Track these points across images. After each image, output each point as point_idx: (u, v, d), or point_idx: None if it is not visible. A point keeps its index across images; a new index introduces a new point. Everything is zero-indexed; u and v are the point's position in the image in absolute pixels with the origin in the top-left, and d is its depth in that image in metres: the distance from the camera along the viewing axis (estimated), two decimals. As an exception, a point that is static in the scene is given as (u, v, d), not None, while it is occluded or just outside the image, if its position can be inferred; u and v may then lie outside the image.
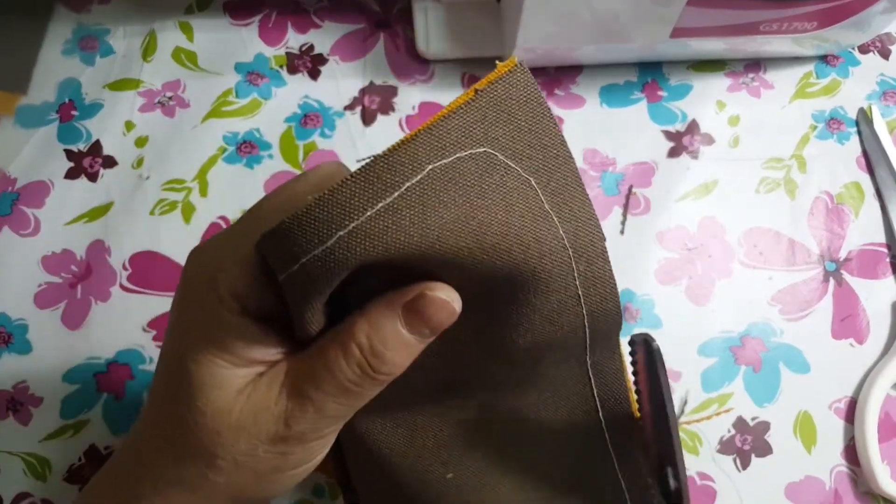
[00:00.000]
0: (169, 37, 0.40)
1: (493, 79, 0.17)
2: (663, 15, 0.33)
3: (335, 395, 0.18)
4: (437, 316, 0.18)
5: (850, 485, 0.33)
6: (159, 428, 0.20)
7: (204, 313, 0.18)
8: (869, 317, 0.35)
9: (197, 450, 0.19)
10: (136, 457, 0.20)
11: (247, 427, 0.18)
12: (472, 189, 0.16)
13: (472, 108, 0.16)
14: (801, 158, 0.38)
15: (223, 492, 0.19)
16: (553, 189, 0.18)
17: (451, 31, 0.38)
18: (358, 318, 0.18)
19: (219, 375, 0.18)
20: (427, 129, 0.16)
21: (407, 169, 0.16)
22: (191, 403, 0.18)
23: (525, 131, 0.17)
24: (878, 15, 0.35)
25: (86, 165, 0.37)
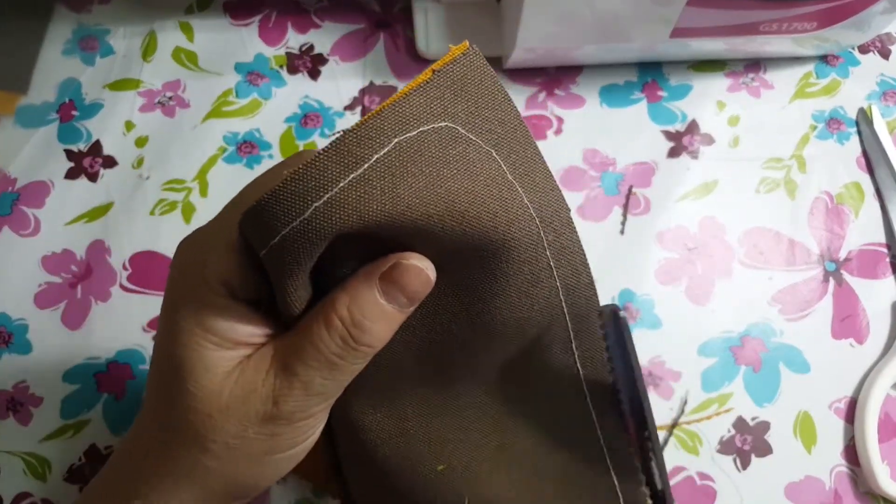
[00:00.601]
0: (169, 37, 0.40)
1: (447, 61, 0.18)
2: (663, 15, 0.33)
3: (320, 369, 0.18)
4: (412, 283, 0.18)
5: (850, 485, 0.33)
6: (155, 415, 0.20)
7: (192, 298, 0.19)
8: (869, 317, 0.35)
9: (190, 435, 0.19)
10: (134, 449, 0.21)
11: (236, 408, 0.18)
12: (437, 160, 0.17)
13: (431, 86, 0.17)
14: (801, 158, 0.38)
15: (217, 480, 0.19)
16: (514, 161, 0.19)
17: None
18: (338, 291, 0.19)
19: (207, 358, 0.18)
20: (391, 105, 0.17)
21: (375, 142, 0.17)
22: (182, 387, 0.18)
23: (482, 107, 0.18)
24: (877, 15, 0.35)
25: (86, 165, 0.37)
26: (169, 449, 0.19)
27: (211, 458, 0.19)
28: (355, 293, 0.18)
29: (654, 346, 0.34)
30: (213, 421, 0.18)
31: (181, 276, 0.19)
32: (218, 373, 0.18)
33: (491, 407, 0.23)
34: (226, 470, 0.19)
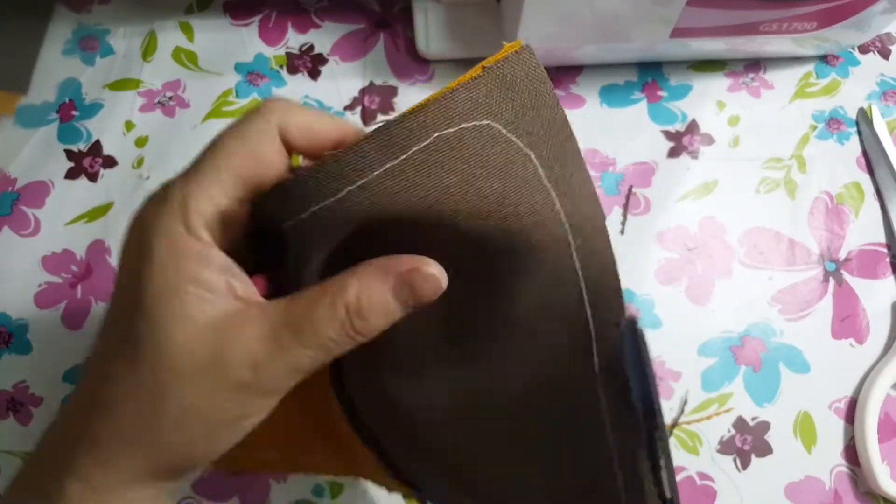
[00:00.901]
0: (169, 37, 0.40)
1: (499, 58, 0.18)
2: (663, 15, 0.33)
3: (312, 348, 0.18)
4: (426, 291, 0.18)
5: (850, 485, 0.33)
6: (104, 368, 0.18)
7: (171, 247, 0.17)
8: (869, 317, 0.35)
9: (145, 394, 0.17)
10: (73, 410, 0.19)
11: (210, 369, 0.17)
12: (472, 158, 0.18)
13: (479, 83, 0.18)
14: (801, 158, 0.38)
15: (165, 449, 0.18)
16: (552, 165, 0.19)
17: (451, 31, 0.38)
18: (349, 277, 0.18)
19: (187, 310, 0.17)
20: (435, 100, 0.17)
21: (415, 135, 0.17)
22: (147, 337, 0.17)
23: (528, 108, 0.18)
24: (877, 15, 0.35)
25: (86, 165, 0.37)
26: (115, 410, 0.17)
27: (166, 422, 0.17)
28: (367, 284, 0.18)
29: (654, 346, 0.34)
30: (179, 379, 0.17)
31: (153, 227, 0.17)
32: (194, 326, 0.17)
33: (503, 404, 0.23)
34: (178, 438, 0.18)
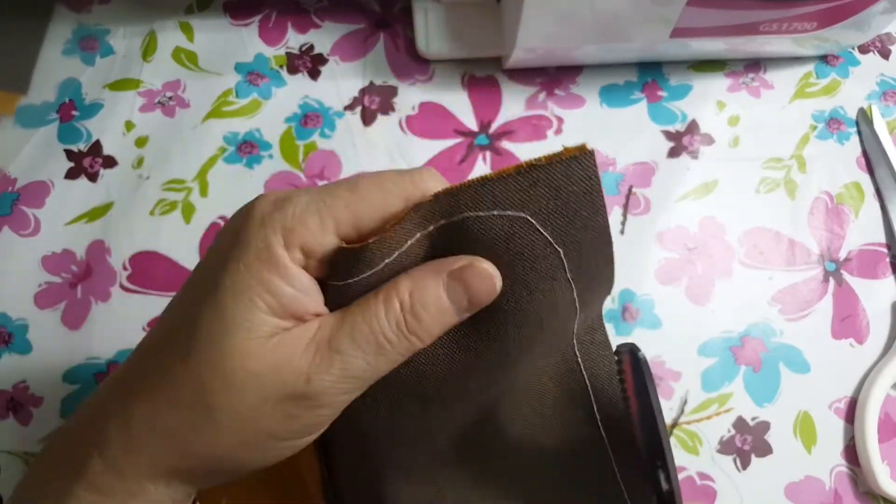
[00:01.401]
0: (169, 37, 0.40)
1: (554, 159, 0.18)
2: (663, 15, 0.33)
3: (366, 350, 0.18)
4: (479, 287, 0.18)
5: (850, 485, 0.33)
6: (154, 360, 0.18)
7: (262, 252, 0.17)
8: (869, 317, 0.35)
9: (194, 395, 0.17)
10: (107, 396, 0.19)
11: (264, 378, 0.17)
12: (495, 244, 0.18)
13: (523, 178, 0.18)
14: (801, 158, 0.38)
15: (201, 453, 0.18)
16: (579, 263, 0.19)
17: (451, 31, 0.38)
18: (403, 277, 0.18)
19: (254, 317, 0.17)
20: (470, 185, 0.18)
21: (446, 211, 0.18)
22: (209, 339, 0.17)
23: (572, 210, 0.18)
24: (877, 15, 0.35)
25: (86, 165, 0.37)
26: (157, 406, 0.17)
27: (210, 425, 0.17)
28: (420, 281, 0.18)
29: (654, 346, 0.34)
30: (232, 385, 0.17)
31: (255, 230, 0.17)
32: (259, 336, 0.17)
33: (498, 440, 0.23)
34: (218, 442, 0.18)
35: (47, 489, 0.19)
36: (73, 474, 0.18)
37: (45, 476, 0.19)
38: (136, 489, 0.18)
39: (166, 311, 0.20)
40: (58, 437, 0.20)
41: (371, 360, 0.18)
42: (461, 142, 0.38)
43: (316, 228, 0.17)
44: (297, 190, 0.18)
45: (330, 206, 0.18)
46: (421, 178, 0.18)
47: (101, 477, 0.18)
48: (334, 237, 0.18)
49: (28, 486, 0.20)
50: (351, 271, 0.18)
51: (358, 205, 0.18)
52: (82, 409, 0.20)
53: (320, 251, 0.18)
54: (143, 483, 0.18)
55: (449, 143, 0.38)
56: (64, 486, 0.18)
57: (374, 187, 0.18)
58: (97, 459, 0.18)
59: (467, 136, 0.38)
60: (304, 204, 0.18)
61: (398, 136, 0.38)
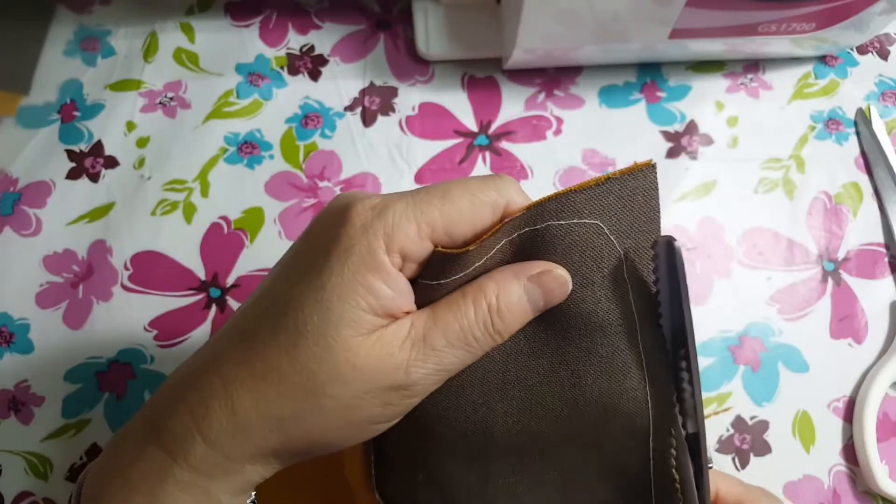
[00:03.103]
0: (170, 37, 0.40)
1: (626, 172, 0.21)
2: (662, 16, 0.33)
3: (457, 346, 0.20)
4: (555, 290, 0.20)
5: (848, 484, 0.33)
6: (250, 360, 0.19)
7: (366, 256, 0.19)
8: (867, 317, 0.35)
9: (304, 383, 0.19)
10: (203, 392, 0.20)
11: (367, 370, 0.19)
12: (570, 247, 0.21)
13: (599, 189, 0.20)
14: (800, 159, 0.38)
15: (306, 436, 0.20)
16: (633, 263, 0.21)
17: (451, 31, 0.38)
18: (487, 280, 0.20)
19: (357, 316, 0.19)
20: (556, 196, 0.20)
21: (532, 220, 0.21)
22: (319, 334, 0.19)
23: (636, 216, 0.21)
24: (876, 16, 0.35)
25: (87, 166, 0.37)
26: (265, 395, 0.19)
27: (317, 414, 0.19)
28: (504, 285, 0.20)
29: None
30: (339, 376, 0.19)
31: (356, 233, 0.19)
32: (359, 333, 0.19)
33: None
34: (322, 428, 0.19)
35: (134, 474, 0.19)
36: (167, 457, 0.19)
37: (127, 462, 0.20)
38: (235, 469, 0.19)
39: (260, 298, 0.21)
40: (136, 423, 0.21)
41: (460, 355, 0.20)
42: (461, 142, 0.38)
43: (413, 235, 0.19)
44: (391, 196, 0.20)
45: (425, 214, 0.19)
46: (504, 187, 0.21)
47: (203, 459, 0.19)
48: (429, 242, 0.20)
49: (108, 476, 0.20)
50: (445, 273, 0.20)
51: (450, 212, 0.20)
52: (161, 396, 0.21)
53: (416, 255, 0.20)
54: (244, 464, 0.20)
55: (449, 144, 0.38)
56: (160, 468, 0.19)
57: (465, 196, 0.20)
58: (200, 443, 0.19)
59: (467, 137, 0.38)
60: (402, 211, 0.19)
61: (398, 137, 0.38)
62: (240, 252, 0.36)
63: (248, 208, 0.37)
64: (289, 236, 0.36)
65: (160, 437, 0.20)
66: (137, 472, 0.19)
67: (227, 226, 0.36)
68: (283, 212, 0.37)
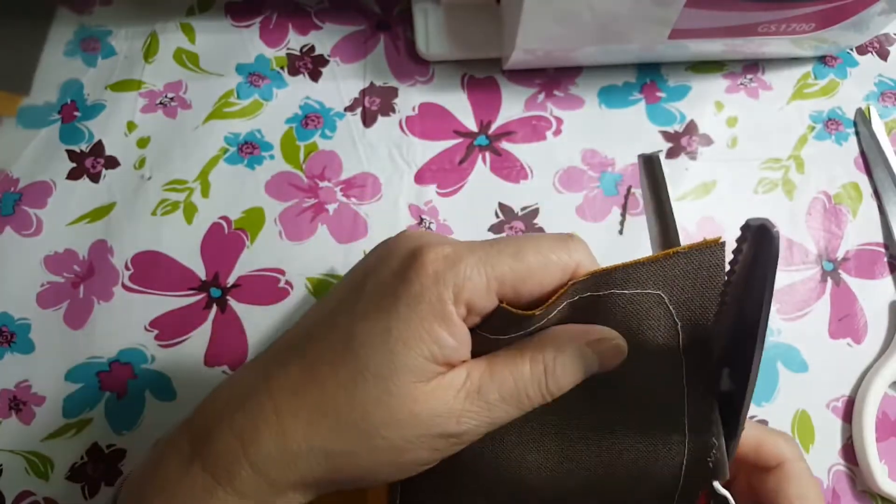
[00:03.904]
0: (170, 38, 0.40)
1: (694, 247, 0.21)
2: (662, 16, 0.33)
3: (509, 401, 0.20)
4: (611, 358, 0.21)
5: (848, 484, 0.33)
6: (303, 389, 0.20)
7: (435, 306, 0.19)
8: (867, 316, 0.35)
9: (359, 426, 0.19)
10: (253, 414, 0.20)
11: (423, 417, 0.19)
12: (630, 316, 0.21)
13: (666, 263, 0.21)
14: (799, 159, 0.38)
15: (353, 472, 0.20)
16: (690, 334, 0.22)
17: (451, 32, 0.38)
18: (546, 340, 0.21)
19: (419, 365, 0.19)
20: (623, 267, 0.21)
21: (596, 286, 0.21)
22: (379, 380, 0.19)
23: (698, 290, 0.21)
24: (876, 16, 0.35)
25: (88, 166, 0.38)
26: (318, 429, 0.19)
27: (368, 453, 0.19)
28: (563, 347, 0.21)
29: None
30: (395, 420, 0.19)
31: (427, 281, 0.19)
32: (419, 380, 0.19)
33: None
34: (371, 466, 0.20)
35: (178, 493, 0.20)
36: (212, 480, 0.19)
37: (171, 480, 0.20)
38: (278, 494, 0.20)
39: (319, 325, 0.21)
40: (180, 440, 0.21)
41: (511, 411, 0.20)
42: (461, 142, 0.38)
43: (482, 289, 0.20)
44: (462, 246, 0.20)
45: (496, 269, 0.20)
46: (576, 249, 0.21)
47: (248, 483, 0.19)
48: (496, 297, 0.20)
49: (150, 492, 0.20)
50: (507, 329, 0.21)
51: (521, 270, 0.20)
52: (207, 413, 0.21)
53: (481, 308, 0.20)
54: (288, 491, 0.20)
55: (449, 144, 0.38)
56: (204, 488, 0.19)
57: (537, 255, 0.20)
58: (247, 468, 0.19)
59: (467, 137, 0.38)
60: (474, 265, 0.20)
61: (398, 137, 0.38)
62: (240, 252, 0.36)
63: (248, 208, 0.37)
64: (289, 236, 0.36)
65: (205, 460, 0.20)
66: (181, 491, 0.20)
67: (228, 226, 0.36)
68: (284, 212, 0.37)
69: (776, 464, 0.25)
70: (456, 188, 0.37)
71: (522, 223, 0.37)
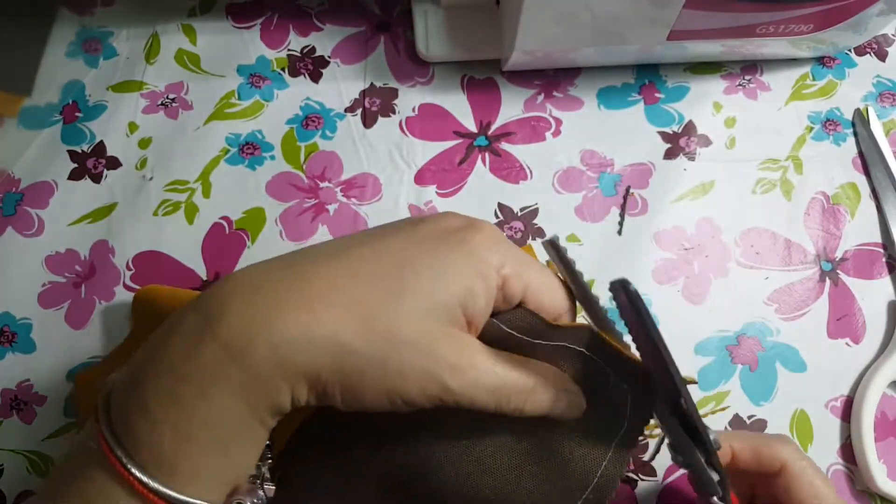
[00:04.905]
0: (172, 39, 0.40)
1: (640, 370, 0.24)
2: (660, 18, 0.33)
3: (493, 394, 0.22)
4: (573, 411, 0.24)
5: (846, 483, 0.33)
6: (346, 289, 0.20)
7: (481, 266, 0.22)
8: (865, 316, 0.35)
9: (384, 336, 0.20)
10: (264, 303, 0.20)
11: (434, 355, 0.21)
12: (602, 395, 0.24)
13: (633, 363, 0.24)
14: (798, 159, 0.38)
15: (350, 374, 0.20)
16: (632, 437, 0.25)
17: (450, 33, 0.39)
18: (540, 369, 0.23)
19: (452, 308, 0.21)
20: (621, 352, 0.24)
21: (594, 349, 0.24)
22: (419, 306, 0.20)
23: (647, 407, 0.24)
24: (874, 17, 0.35)
25: (89, 166, 0.38)
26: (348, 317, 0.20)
27: (379, 361, 0.20)
28: (548, 380, 0.23)
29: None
30: (413, 345, 0.20)
31: (487, 248, 0.22)
32: (446, 321, 0.21)
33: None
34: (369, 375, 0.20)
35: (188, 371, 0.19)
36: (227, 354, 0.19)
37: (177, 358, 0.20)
38: (285, 380, 0.20)
39: (354, 243, 0.22)
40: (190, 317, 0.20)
41: (489, 402, 0.22)
42: (461, 143, 0.39)
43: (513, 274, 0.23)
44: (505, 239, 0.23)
45: (519, 267, 0.23)
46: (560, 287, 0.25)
47: (262, 362, 0.19)
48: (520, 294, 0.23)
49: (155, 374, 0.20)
50: (521, 329, 0.24)
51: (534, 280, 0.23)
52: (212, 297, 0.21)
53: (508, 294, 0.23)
54: (294, 381, 0.20)
55: (448, 145, 0.38)
56: (217, 361, 0.19)
57: (546, 277, 0.24)
58: (264, 345, 0.19)
59: (467, 138, 0.39)
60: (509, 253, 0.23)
61: (399, 138, 0.38)
62: (241, 252, 0.36)
63: (249, 209, 0.37)
64: (289, 236, 0.36)
65: (220, 335, 0.19)
66: (191, 371, 0.19)
67: (229, 226, 0.37)
68: (284, 212, 0.37)
69: (779, 466, 0.25)
70: (456, 189, 0.37)
71: (522, 223, 0.37)
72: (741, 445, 0.26)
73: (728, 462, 0.26)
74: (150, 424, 0.19)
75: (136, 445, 0.19)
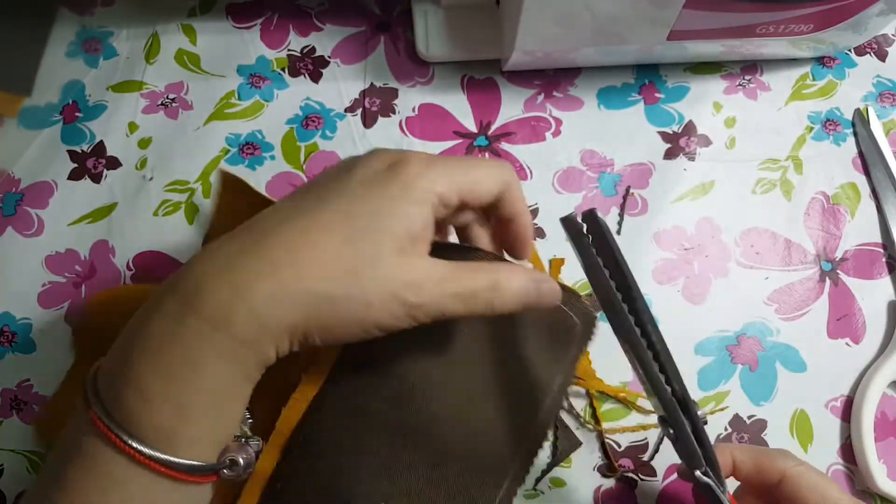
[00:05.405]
0: (172, 39, 0.40)
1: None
2: (660, 18, 0.33)
3: (461, 298, 0.23)
4: (548, 297, 0.25)
5: (846, 483, 0.33)
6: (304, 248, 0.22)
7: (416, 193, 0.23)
8: (865, 316, 0.35)
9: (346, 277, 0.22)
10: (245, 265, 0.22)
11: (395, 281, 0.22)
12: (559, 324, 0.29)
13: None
14: (798, 159, 0.38)
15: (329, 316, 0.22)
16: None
17: (450, 33, 0.39)
18: (502, 265, 0.25)
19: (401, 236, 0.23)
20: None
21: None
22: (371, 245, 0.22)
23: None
24: (874, 17, 0.35)
25: (89, 166, 0.38)
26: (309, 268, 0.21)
27: (347, 298, 0.22)
28: (514, 272, 0.24)
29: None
30: (374, 278, 0.22)
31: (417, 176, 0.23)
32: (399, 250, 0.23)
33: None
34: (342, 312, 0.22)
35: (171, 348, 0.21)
36: (209, 326, 0.21)
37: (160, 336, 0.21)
38: (270, 339, 0.21)
39: (300, 204, 0.23)
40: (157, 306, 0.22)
41: (459, 307, 0.23)
42: (461, 143, 0.39)
43: (449, 191, 0.24)
44: (433, 158, 0.24)
45: (455, 177, 0.24)
46: (509, 170, 0.26)
47: (245, 326, 0.21)
48: (456, 198, 0.24)
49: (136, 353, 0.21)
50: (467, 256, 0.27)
51: (471, 180, 0.24)
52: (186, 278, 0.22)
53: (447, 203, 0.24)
54: (279, 336, 0.21)
55: (449, 145, 0.38)
56: (201, 333, 0.21)
57: (483, 171, 0.25)
58: (244, 311, 0.21)
59: (467, 138, 0.39)
60: (442, 172, 0.24)
61: (399, 138, 0.38)
62: (241, 252, 0.36)
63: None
64: (289, 236, 0.36)
65: (200, 311, 0.21)
66: (174, 349, 0.21)
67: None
68: (284, 212, 0.37)
69: (779, 476, 0.26)
70: (456, 188, 0.38)
71: (522, 223, 0.37)
72: (742, 456, 0.27)
73: (730, 472, 0.27)
74: (148, 402, 0.21)
75: (134, 423, 0.21)
